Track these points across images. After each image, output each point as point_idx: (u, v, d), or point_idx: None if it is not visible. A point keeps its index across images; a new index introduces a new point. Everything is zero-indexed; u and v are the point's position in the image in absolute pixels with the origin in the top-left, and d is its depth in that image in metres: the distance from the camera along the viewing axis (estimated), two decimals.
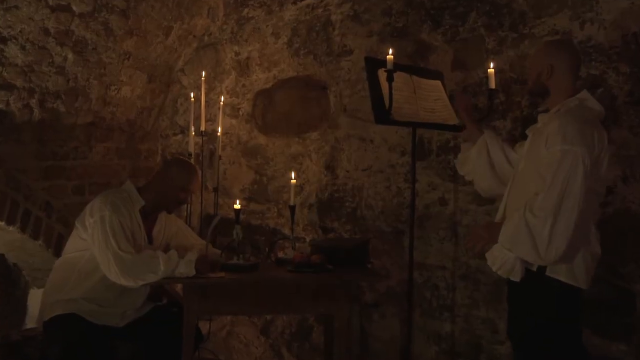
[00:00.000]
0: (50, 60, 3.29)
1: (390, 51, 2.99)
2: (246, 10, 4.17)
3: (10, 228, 3.32)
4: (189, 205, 3.89)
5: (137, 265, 2.89)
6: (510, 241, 2.44)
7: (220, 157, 3.97)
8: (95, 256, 2.95)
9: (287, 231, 3.97)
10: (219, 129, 3.97)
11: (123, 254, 2.89)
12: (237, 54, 4.23)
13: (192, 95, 4.01)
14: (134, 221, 3.05)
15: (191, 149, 3.85)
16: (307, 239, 3.96)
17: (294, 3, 4.03)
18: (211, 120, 4.22)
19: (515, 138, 3.22)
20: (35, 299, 3.66)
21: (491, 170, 2.89)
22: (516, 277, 2.47)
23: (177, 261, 2.90)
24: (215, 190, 3.97)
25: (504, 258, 2.46)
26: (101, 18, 3.39)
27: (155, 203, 3.16)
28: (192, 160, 3.81)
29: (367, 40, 3.81)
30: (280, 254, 3.37)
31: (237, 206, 3.09)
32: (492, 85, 3.09)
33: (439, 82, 3.35)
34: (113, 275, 2.90)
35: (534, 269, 2.47)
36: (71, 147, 3.67)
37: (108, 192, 3.13)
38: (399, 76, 3.06)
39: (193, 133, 3.87)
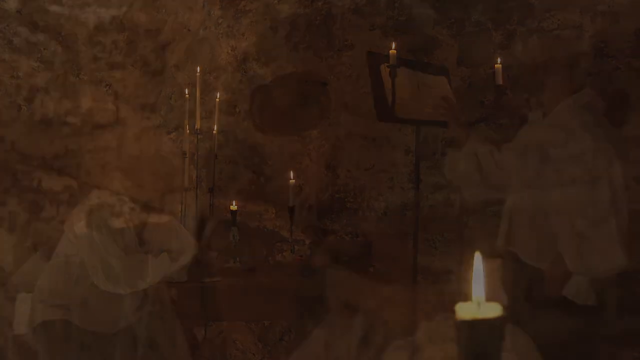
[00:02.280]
0: (39, 55, 3.21)
1: (394, 46, 2.97)
2: (243, 3, 4.11)
3: None
4: (183, 206, 3.83)
5: (124, 272, 2.84)
6: (582, 265, 2.35)
7: (216, 156, 3.93)
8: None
9: (285, 233, 3.92)
10: (215, 127, 3.92)
11: (110, 259, 2.83)
12: (233, 48, 4.17)
13: (186, 91, 3.94)
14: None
15: (186, 147, 3.78)
16: (307, 242, 3.90)
17: None
18: (207, 117, 4.15)
19: None
20: (22, 303, 3.57)
21: (480, 174, 2.86)
22: (592, 301, 2.39)
23: (169, 266, 2.86)
24: (211, 190, 3.89)
25: (577, 285, 2.38)
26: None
27: None
28: (186, 160, 3.75)
29: (370, 34, 3.79)
30: (279, 257, 3.34)
31: (233, 207, 3.03)
32: (499, 81, 3.08)
33: (444, 78, 3.32)
34: (100, 282, 2.85)
35: None
36: (61, 146, 3.59)
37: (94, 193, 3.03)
38: (402, 72, 3.04)
39: (188, 131, 3.80)
